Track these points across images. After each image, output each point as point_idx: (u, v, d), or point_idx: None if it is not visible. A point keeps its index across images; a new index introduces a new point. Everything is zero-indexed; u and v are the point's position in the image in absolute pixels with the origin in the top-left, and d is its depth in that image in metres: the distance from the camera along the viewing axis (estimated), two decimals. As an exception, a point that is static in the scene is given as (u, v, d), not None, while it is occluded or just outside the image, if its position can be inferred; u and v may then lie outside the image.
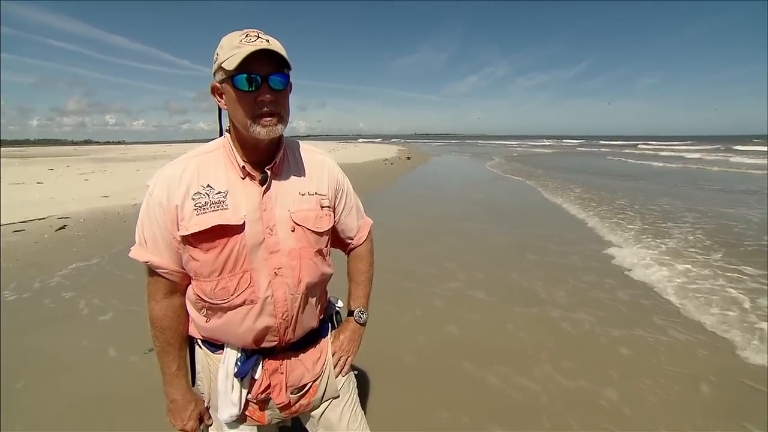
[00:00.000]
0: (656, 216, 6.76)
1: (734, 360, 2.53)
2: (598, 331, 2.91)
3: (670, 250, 4.76)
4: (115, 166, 18.68)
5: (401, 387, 2.27)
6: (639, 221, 6.36)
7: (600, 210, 7.31)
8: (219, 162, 0.91)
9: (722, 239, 5.25)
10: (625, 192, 9.55)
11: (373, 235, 1.23)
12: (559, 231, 5.85)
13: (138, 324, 2.94)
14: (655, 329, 2.91)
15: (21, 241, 5.20)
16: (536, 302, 3.40)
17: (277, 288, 0.92)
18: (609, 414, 2.05)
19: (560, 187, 10.52)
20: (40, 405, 2.10)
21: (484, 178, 13.15)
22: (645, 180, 12.47)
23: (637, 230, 5.79)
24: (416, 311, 3.22)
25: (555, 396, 2.19)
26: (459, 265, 4.27)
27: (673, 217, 6.69)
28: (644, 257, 4.50)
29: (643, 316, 3.12)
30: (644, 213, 7.02)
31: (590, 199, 8.56)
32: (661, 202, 8.17)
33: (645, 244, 5.08)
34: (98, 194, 9.15)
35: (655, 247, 4.88)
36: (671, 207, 7.57)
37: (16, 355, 2.56)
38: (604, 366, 2.46)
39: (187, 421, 1.01)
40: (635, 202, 8.05)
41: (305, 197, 0.96)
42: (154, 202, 0.88)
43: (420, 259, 4.45)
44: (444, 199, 9.07)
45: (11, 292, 3.55)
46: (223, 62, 0.81)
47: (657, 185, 11.09)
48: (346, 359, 1.13)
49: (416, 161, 20.69)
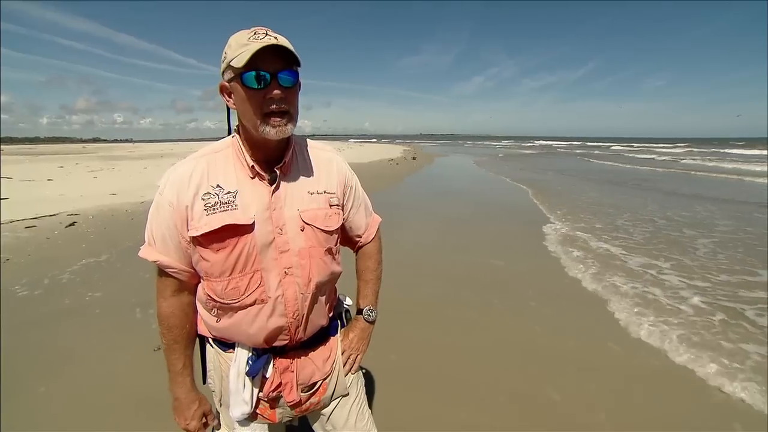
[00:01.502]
0: (564, 192, 9.90)
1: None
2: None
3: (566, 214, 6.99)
4: (123, 164, 18.87)
5: (403, 387, 2.27)
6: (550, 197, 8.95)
7: (536, 191, 10.07)
8: (228, 161, 0.91)
9: (591, 215, 7.11)
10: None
11: (381, 233, 1.23)
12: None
13: (147, 321, 2.97)
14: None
15: (33, 236, 5.28)
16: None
17: (287, 287, 0.92)
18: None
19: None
20: (48, 400, 2.13)
21: (472, 173, 15.16)
22: (576, 172, 15.44)
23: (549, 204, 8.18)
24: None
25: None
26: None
27: (570, 194, 9.55)
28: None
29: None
30: (553, 190, 10.20)
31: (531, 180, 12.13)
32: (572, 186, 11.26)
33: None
34: (106, 192, 9.26)
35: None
36: (575, 188, 10.65)
37: (26, 350, 2.60)
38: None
39: (189, 420, 1.01)
40: (550, 183, 11.65)
41: (314, 196, 0.96)
42: (164, 201, 0.88)
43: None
44: (441, 194, 9.46)
45: (22, 287, 3.60)
46: (232, 60, 0.81)
47: (581, 176, 13.99)
48: (356, 357, 1.13)
49: (422, 161, 20.66)
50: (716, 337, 2.80)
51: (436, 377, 2.37)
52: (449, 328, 2.97)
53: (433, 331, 2.92)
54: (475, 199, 9.04)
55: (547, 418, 2.04)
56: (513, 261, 4.49)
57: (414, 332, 2.89)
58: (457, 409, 2.10)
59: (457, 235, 5.75)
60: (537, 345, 2.74)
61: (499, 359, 2.56)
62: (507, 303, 3.40)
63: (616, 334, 2.87)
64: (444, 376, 2.38)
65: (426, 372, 2.43)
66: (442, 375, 2.40)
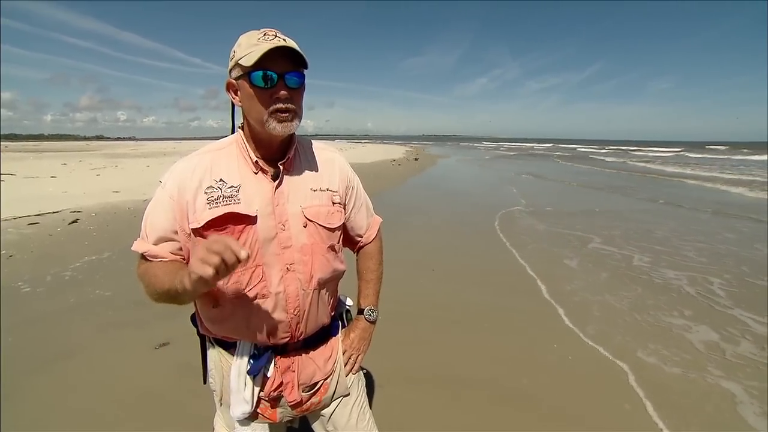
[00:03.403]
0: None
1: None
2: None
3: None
4: (126, 162, 18.96)
5: (404, 387, 2.27)
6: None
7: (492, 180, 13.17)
8: (232, 157, 0.92)
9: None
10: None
11: (382, 233, 1.23)
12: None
13: (148, 319, 2.97)
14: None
15: (35, 233, 5.30)
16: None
17: (289, 283, 0.92)
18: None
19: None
20: (49, 397, 2.14)
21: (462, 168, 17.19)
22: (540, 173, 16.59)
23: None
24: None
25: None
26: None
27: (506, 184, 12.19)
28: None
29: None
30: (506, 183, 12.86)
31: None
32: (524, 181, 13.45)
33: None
34: (109, 189, 9.29)
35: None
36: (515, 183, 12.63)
37: (28, 347, 2.61)
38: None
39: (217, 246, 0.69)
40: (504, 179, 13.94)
41: (317, 193, 0.97)
42: (165, 194, 0.89)
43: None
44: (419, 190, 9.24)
45: (25, 284, 3.62)
46: (241, 59, 0.83)
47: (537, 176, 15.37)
48: (357, 357, 1.13)
49: (424, 162, 20.67)
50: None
51: (438, 377, 2.37)
52: (450, 329, 2.97)
53: (435, 332, 2.91)
54: (479, 200, 9.10)
55: (547, 418, 2.04)
56: (514, 262, 4.49)
57: (416, 332, 2.88)
58: (458, 410, 2.10)
59: (457, 236, 5.76)
60: (538, 344, 2.73)
61: (500, 359, 2.56)
62: (508, 303, 3.40)
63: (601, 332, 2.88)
64: (446, 377, 2.38)
65: (428, 372, 2.42)
66: (444, 375, 2.39)
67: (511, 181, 12.94)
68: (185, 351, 2.38)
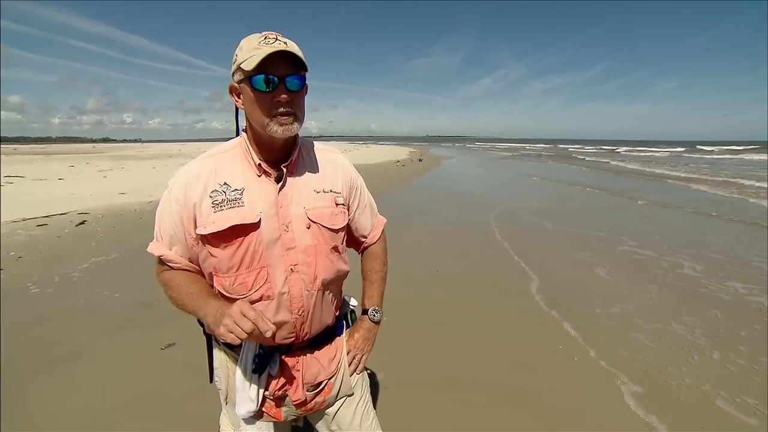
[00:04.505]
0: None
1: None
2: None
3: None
4: (132, 164, 19.12)
5: (406, 388, 2.27)
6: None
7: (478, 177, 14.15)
8: (235, 160, 0.94)
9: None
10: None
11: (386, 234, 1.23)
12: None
13: (155, 320, 3.00)
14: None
15: (44, 234, 5.36)
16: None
17: (293, 284, 0.93)
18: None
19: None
20: (55, 397, 2.16)
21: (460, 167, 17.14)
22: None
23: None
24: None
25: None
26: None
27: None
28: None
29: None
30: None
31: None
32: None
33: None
34: (116, 191, 9.38)
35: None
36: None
37: (36, 347, 2.64)
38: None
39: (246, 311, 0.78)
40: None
41: (320, 194, 0.98)
42: (172, 199, 0.91)
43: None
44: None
45: (34, 285, 3.67)
46: (242, 63, 0.84)
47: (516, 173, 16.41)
48: (361, 358, 1.14)
49: (429, 163, 20.65)
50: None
51: (440, 378, 2.37)
52: (451, 329, 2.96)
53: (437, 333, 2.91)
54: (483, 200, 9.09)
55: (547, 418, 2.03)
56: (516, 262, 4.47)
57: (419, 333, 2.88)
58: (459, 410, 2.09)
59: (459, 236, 5.76)
60: (538, 345, 2.72)
61: (501, 360, 2.55)
62: (508, 303, 3.39)
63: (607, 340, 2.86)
64: (448, 378, 2.37)
65: (430, 373, 2.42)
66: (446, 376, 2.39)
67: (519, 182, 12.96)
68: (191, 351, 2.40)
